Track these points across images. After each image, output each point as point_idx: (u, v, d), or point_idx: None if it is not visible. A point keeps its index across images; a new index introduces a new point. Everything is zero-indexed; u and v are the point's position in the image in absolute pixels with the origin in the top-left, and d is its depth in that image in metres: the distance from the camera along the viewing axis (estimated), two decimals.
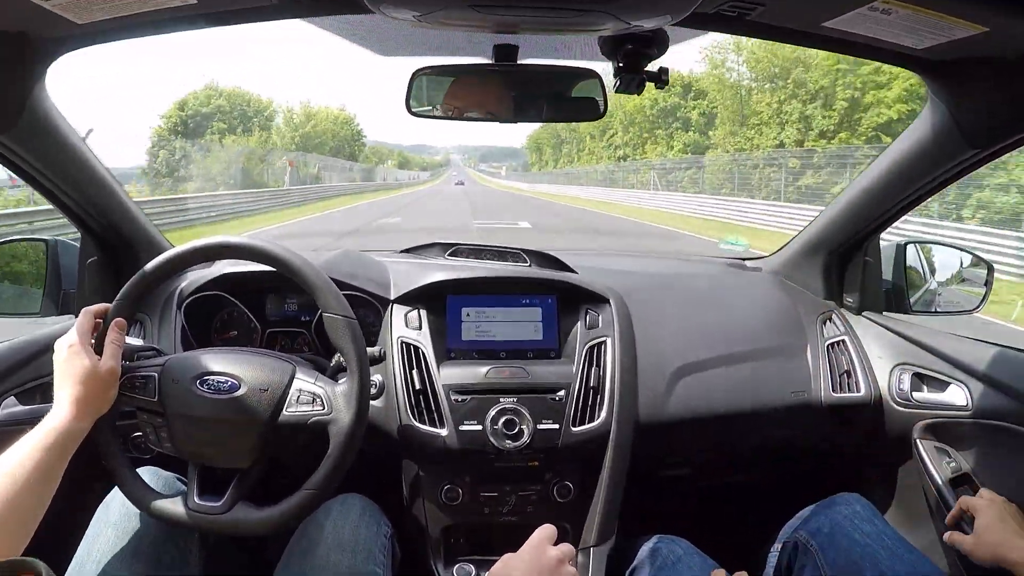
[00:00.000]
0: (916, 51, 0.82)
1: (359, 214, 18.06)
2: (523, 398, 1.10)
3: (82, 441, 0.81)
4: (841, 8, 0.73)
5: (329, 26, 1.00)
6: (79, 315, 0.87)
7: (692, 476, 1.40)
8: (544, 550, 0.76)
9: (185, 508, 0.86)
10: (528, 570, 0.73)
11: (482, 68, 0.99)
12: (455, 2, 0.70)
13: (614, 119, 30.68)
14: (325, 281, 0.89)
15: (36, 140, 0.96)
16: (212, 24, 0.84)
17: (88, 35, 0.81)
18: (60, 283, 1.21)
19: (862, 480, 1.35)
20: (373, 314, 1.22)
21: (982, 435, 1.12)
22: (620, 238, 12.18)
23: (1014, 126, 0.91)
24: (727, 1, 0.75)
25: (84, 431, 0.81)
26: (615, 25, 0.77)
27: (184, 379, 0.87)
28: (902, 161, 1.11)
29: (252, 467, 0.87)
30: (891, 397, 1.23)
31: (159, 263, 0.90)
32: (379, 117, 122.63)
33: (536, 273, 1.29)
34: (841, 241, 1.34)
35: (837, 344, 1.31)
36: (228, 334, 1.26)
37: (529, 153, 62.61)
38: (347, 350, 0.87)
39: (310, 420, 0.86)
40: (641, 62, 0.89)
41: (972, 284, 1.33)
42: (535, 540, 0.77)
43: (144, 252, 1.23)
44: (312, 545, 0.89)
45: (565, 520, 1.12)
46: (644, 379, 1.19)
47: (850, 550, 0.91)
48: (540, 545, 0.76)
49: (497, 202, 25.65)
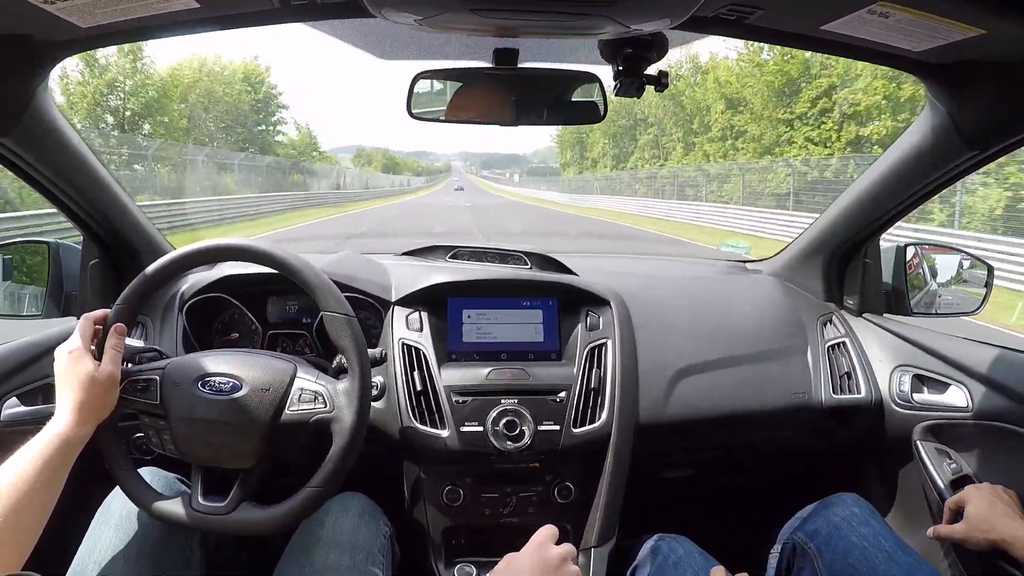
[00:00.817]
0: (914, 54, 0.83)
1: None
2: (524, 399, 1.10)
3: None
4: (839, 11, 0.73)
5: (331, 30, 1.00)
6: (79, 321, 0.87)
7: (693, 477, 1.40)
8: (547, 549, 0.77)
9: (189, 509, 0.86)
10: (531, 569, 0.74)
11: (483, 72, 1.00)
12: (456, 6, 0.71)
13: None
14: (326, 282, 0.90)
15: (38, 143, 0.96)
16: (215, 28, 0.84)
17: (91, 39, 0.81)
18: (62, 285, 1.21)
19: (862, 482, 1.35)
20: (374, 316, 1.23)
21: (982, 436, 1.12)
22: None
23: (1013, 128, 0.91)
24: (726, 5, 0.76)
25: (86, 437, 0.81)
26: (614, 29, 0.77)
27: (185, 381, 0.87)
28: (901, 163, 1.11)
29: (255, 467, 0.88)
30: (891, 399, 1.24)
31: (160, 265, 0.91)
32: (379, 123, 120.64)
33: (537, 275, 1.29)
34: (841, 243, 1.34)
35: (837, 346, 1.31)
36: (229, 336, 1.26)
37: (562, 151, 44.39)
38: (348, 348, 0.88)
39: (312, 419, 0.86)
40: (640, 65, 0.90)
41: (972, 285, 1.33)
42: (537, 540, 0.78)
43: (145, 254, 1.24)
44: (312, 544, 0.90)
45: (566, 521, 1.12)
46: (645, 380, 1.19)
47: (847, 553, 0.91)
48: (543, 545, 0.77)
49: (528, 227, 15.72)
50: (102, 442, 0.86)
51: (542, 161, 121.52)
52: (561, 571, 0.75)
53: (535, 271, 1.35)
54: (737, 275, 1.57)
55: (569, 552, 0.77)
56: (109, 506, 0.92)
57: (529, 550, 0.77)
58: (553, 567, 0.75)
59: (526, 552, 0.77)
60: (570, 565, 0.76)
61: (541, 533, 0.79)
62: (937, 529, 1.01)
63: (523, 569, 0.75)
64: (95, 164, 1.10)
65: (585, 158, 38.07)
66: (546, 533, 0.79)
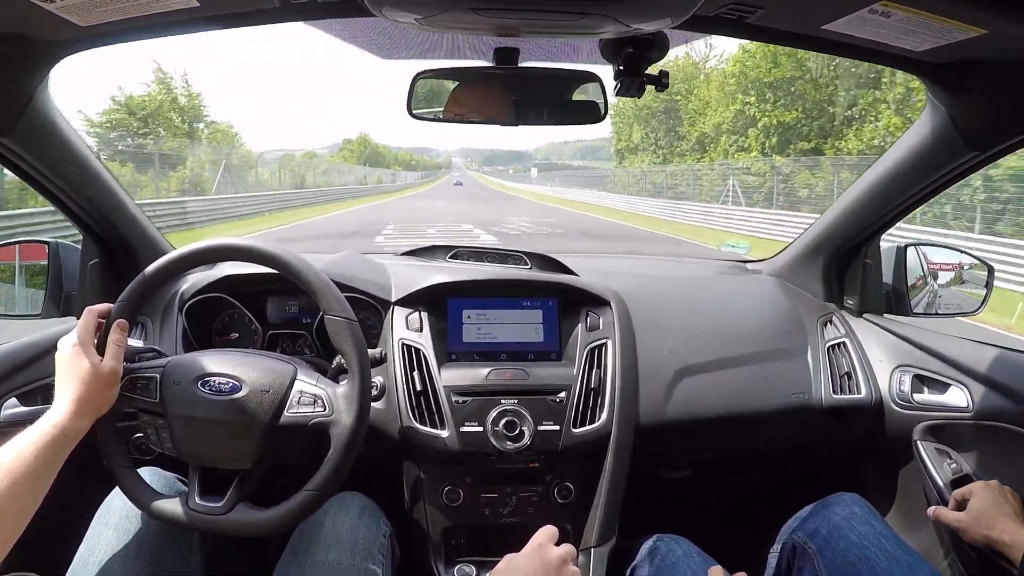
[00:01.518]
0: (915, 54, 0.83)
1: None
2: (524, 400, 1.10)
3: (82, 442, 0.81)
4: (841, 11, 0.73)
5: (331, 29, 1.00)
6: (83, 314, 0.87)
7: (692, 478, 1.40)
8: (547, 550, 0.77)
9: (186, 509, 0.86)
10: (532, 570, 0.74)
11: (483, 71, 1.00)
12: (456, 5, 0.71)
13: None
14: (326, 283, 0.90)
15: (38, 142, 0.96)
16: (215, 27, 0.84)
17: (91, 38, 0.81)
18: (62, 285, 1.21)
19: (862, 482, 1.35)
20: (374, 316, 1.23)
21: (983, 436, 1.12)
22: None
23: (1014, 128, 0.91)
24: (727, 4, 0.76)
25: (83, 430, 0.81)
26: (615, 28, 0.77)
27: (185, 380, 0.87)
28: (902, 164, 1.11)
29: (253, 468, 0.87)
30: (891, 399, 1.24)
31: (160, 265, 0.91)
32: (382, 121, 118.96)
33: (537, 276, 1.29)
34: (841, 243, 1.34)
35: (837, 346, 1.31)
36: (229, 336, 1.26)
37: (616, 135, 31.54)
38: (348, 352, 0.88)
39: (311, 422, 0.86)
40: (641, 65, 0.90)
41: (972, 286, 1.34)
42: (538, 540, 0.78)
43: (145, 254, 1.24)
44: (311, 544, 0.90)
45: (566, 521, 1.12)
46: (644, 381, 1.19)
47: (847, 552, 0.91)
48: (543, 546, 0.78)
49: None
50: (101, 441, 0.86)
51: (545, 158, 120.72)
52: (561, 572, 0.75)
53: (535, 271, 1.35)
54: (737, 275, 1.57)
55: (569, 553, 0.77)
56: (109, 506, 0.91)
57: (529, 551, 0.77)
58: (554, 568, 0.75)
59: (526, 553, 0.77)
60: (570, 566, 0.76)
61: (541, 534, 0.79)
62: (938, 511, 1.02)
63: (523, 569, 0.75)
64: (95, 164, 1.10)
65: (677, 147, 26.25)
66: (546, 534, 0.79)
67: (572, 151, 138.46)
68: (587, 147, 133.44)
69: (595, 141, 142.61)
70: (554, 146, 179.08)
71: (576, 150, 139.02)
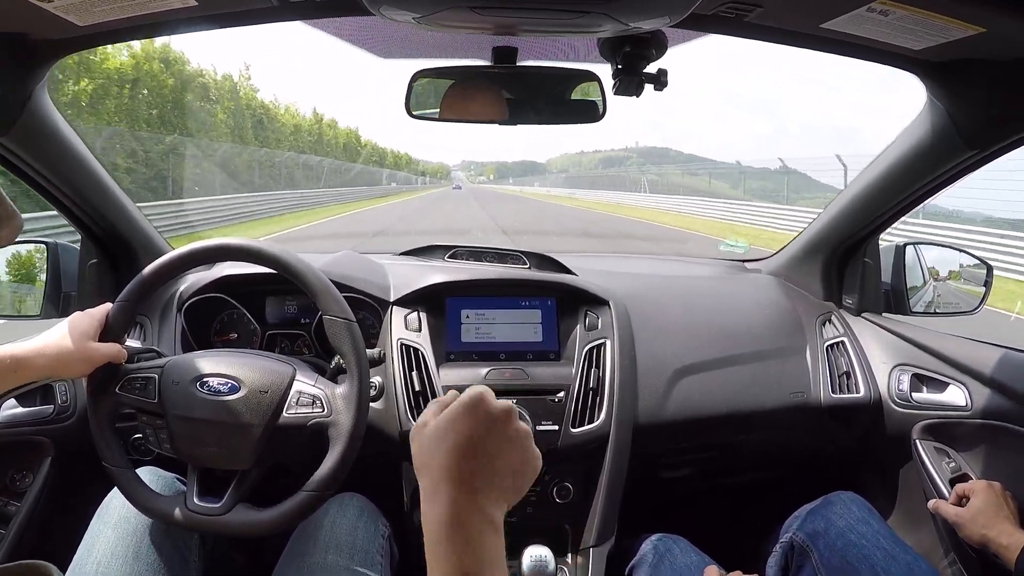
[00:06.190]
0: (914, 52, 0.83)
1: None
2: (523, 399, 1.10)
3: (82, 442, 0.81)
4: (839, 9, 0.73)
5: (329, 28, 1.00)
6: (97, 307, 0.90)
7: (691, 477, 1.39)
8: (488, 404, 0.53)
9: (184, 509, 0.86)
10: (471, 429, 0.52)
11: (481, 70, 1.00)
12: (454, 4, 0.70)
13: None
14: (325, 283, 0.89)
15: (36, 142, 0.96)
16: (213, 26, 0.84)
17: (89, 37, 0.81)
18: (60, 285, 1.21)
19: (861, 481, 1.34)
20: (373, 316, 1.23)
21: (982, 435, 1.12)
22: None
23: (1013, 126, 0.91)
24: (725, 3, 0.76)
25: (33, 374, 0.82)
26: (613, 27, 0.77)
27: (184, 381, 0.87)
28: (900, 162, 1.11)
29: (252, 469, 0.87)
30: (890, 398, 1.24)
31: (158, 266, 0.90)
32: (381, 125, 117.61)
33: (535, 275, 1.29)
34: (840, 242, 1.34)
35: (836, 345, 1.31)
36: (228, 336, 1.26)
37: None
38: (347, 352, 0.87)
39: (310, 422, 0.86)
40: (640, 64, 0.89)
41: (971, 284, 1.34)
42: (470, 397, 0.54)
43: (144, 255, 1.24)
44: (310, 545, 0.89)
45: (565, 521, 1.12)
46: (643, 380, 1.19)
47: (846, 551, 0.91)
48: (483, 399, 0.54)
49: None
50: (100, 441, 0.86)
51: (562, 170, 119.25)
52: (511, 428, 0.54)
53: (534, 271, 1.34)
54: (736, 275, 1.57)
55: (513, 408, 0.55)
56: (108, 506, 0.91)
57: (459, 410, 0.53)
58: (502, 422, 0.53)
59: (454, 413, 0.53)
60: (519, 422, 0.55)
61: (474, 390, 0.55)
62: (937, 504, 1.03)
63: (460, 432, 0.52)
64: (93, 163, 1.10)
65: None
66: (479, 389, 0.55)
67: (591, 162, 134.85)
68: (607, 157, 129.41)
69: (616, 152, 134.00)
70: (569, 157, 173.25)
71: (597, 160, 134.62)
